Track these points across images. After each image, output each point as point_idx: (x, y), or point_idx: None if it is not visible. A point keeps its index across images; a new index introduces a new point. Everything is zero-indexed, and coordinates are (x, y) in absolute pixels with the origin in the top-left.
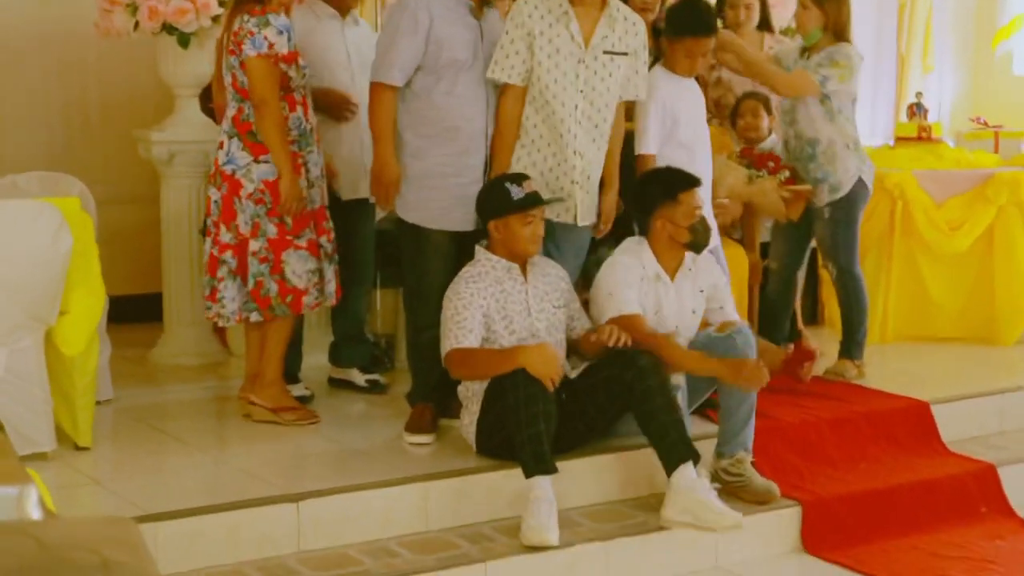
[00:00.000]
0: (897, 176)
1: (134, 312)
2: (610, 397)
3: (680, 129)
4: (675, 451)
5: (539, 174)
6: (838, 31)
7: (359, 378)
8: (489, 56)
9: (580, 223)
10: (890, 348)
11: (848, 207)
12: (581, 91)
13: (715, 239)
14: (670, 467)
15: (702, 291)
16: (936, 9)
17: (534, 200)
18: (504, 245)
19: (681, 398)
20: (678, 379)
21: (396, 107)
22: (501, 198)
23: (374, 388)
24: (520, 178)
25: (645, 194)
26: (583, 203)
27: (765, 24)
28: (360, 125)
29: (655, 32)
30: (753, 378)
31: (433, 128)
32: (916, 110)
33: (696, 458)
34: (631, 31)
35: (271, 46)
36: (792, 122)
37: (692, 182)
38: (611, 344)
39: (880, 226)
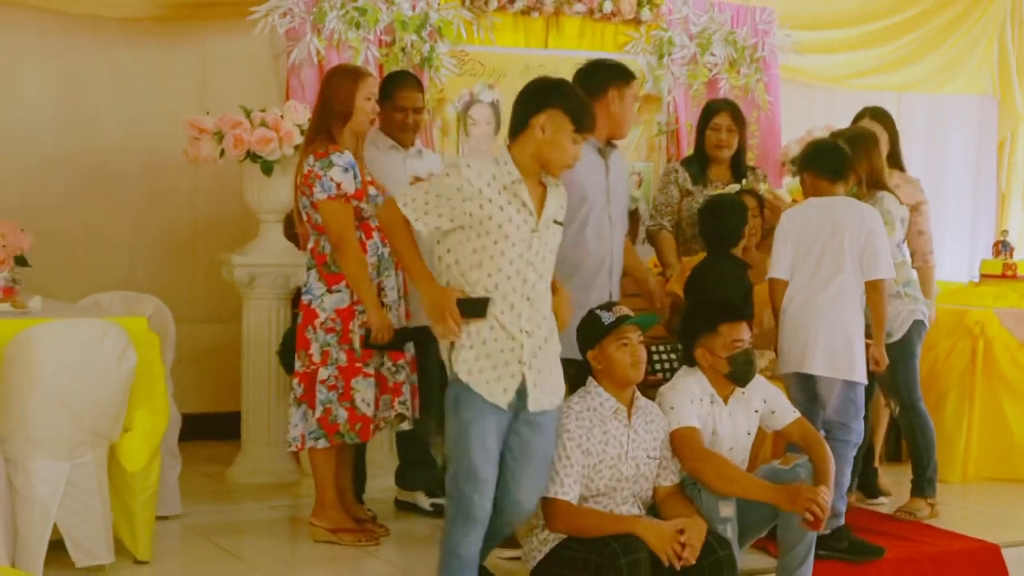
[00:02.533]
0: (978, 314)
1: (214, 430)
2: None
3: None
4: None
5: (486, 355)
6: (873, 182)
7: (424, 502)
8: (613, 193)
9: (532, 409)
10: (971, 488)
11: (905, 346)
12: (531, 263)
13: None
14: None
15: (757, 411)
16: None
17: (622, 319)
18: (607, 375)
19: (731, 530)
20: (728, 511)
21: None
22: (592, 326)
23: (439, 512)
24: (610, 305)
25: (689, 322)
26: (535, 387)
27: (896, 161)
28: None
29: (736, 169)
30: (810, 505)
31: (559, 266)
32: (1002, 248)
33: None
34: (565, 196)
35: (338, 186)
36: None
37: (737, 314)
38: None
39: (961, 364)
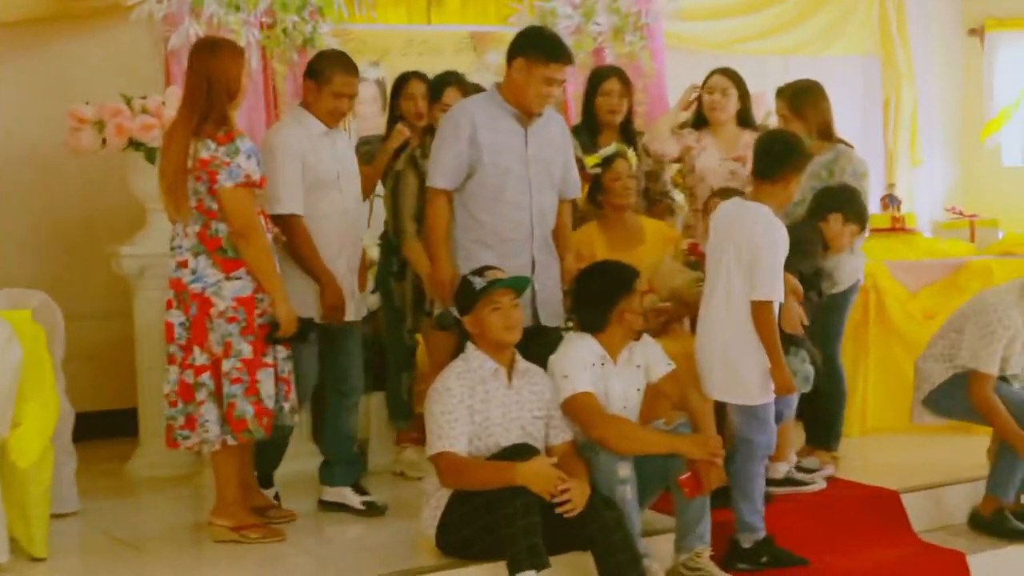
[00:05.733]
0: (870, 267)
1: (108, 428)
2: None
3: None
4: None
5: None
6: (823, 132)
7: (354, 499)
8: (536, 161)
9: None
10: (869, 440)
11: (843, 299)
12: None
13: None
14: None
15: (638, 366)
16: (922, 103)
17: (493, 284)
18: (484, 339)
19: (630, 491)
20: (625, 471)
21: (448, 209)
22: (465, 291)
23: (371, 509)
24: (483, 269)
25: (603, 288)
26: None
27: (745, 121)
28: (346, 250)
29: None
30: (717, 450)
31: (481, 232)
32: (889, 202)
33: None
34: None
35: (247, 175)
36: None
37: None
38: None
39: (855, 317)
